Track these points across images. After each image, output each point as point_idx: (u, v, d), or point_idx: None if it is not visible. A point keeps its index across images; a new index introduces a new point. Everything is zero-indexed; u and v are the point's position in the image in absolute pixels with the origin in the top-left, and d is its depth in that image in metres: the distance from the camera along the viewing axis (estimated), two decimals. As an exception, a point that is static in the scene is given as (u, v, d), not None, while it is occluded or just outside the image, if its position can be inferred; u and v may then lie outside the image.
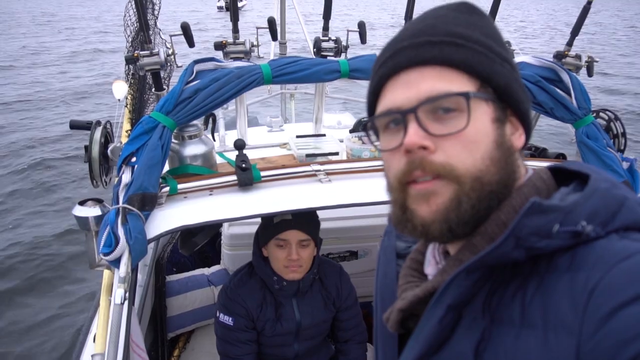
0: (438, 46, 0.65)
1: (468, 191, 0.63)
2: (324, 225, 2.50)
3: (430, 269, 0.77)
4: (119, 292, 1.27)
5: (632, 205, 0.60)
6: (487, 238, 0.64)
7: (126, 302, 1.28)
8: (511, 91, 0.67)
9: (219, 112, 2.77)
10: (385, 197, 1.60)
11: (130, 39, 2.08)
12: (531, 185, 0.66)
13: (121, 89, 1.83)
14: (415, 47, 0.66)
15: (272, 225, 1.77)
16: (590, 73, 1.96)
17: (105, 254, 1.30)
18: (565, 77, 1.73)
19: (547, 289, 0.57)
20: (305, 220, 1.78)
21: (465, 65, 0.65)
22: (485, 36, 0.67)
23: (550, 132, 7.94)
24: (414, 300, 0.70)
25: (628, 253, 0.53)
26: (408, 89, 0.66)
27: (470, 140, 0.63)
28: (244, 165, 1.52)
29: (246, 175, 1.51)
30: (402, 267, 0.81)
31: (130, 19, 2.08)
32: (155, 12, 2.33)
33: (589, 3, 1.90)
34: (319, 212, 2.44)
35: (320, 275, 1.99)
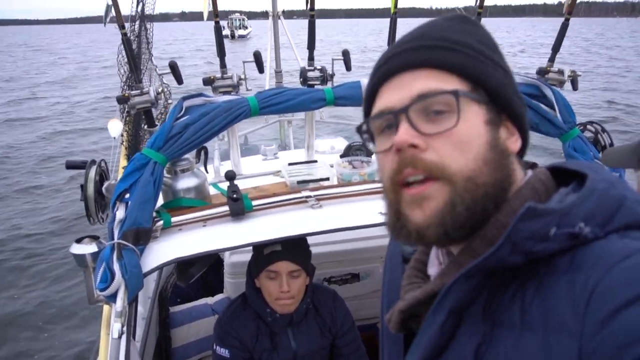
0: (430, 50, 0.67)
1: (462, 192, 0.62)
2: (323, 249, 2.52)
3: (433, 269, 0.76)
4: (116, 327, 1.29)
5: (631, 205, 0.59)
6: (486, 241, 0.63)
7: (124, 337, 1.30)
8: (504, 94, 0.68)
9: (214, 144, 2.81)
10: (375, 219, 1.62)
11: (124, 78, 2.15)
12: (530, 187, 0.66)
13: (116, 127, 1.88)
14: (408, 52, 0.68)
15: (262, 257, 1.77)
16: (574, 87, 1.98)
17: (102, 290, 1.33)
18: (548, 92, 1.76)
19: (547, 291, 0.56)
20: (295, 250, 1.78)
21: (456, 67, 0.66)
22: (478, 42, 0.68)
23: (542, 146, 7.99)
24: (414, 302, 0.70)
25: (628, 252, 0.53)
26: (401, 90, 0.67)
27: (462, 139, 0.63)
28: (234, 196, 1.55)
29: (237, 206, 1.55)
30: (407, 268, 0.81)
31: (124, 59, 2.14)
32: (150, 48, 2.41)
33: (567, 20, 1.94)
34: (320, 236, 2.46)
35: (314, 303, 1.99)
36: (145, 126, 1.88)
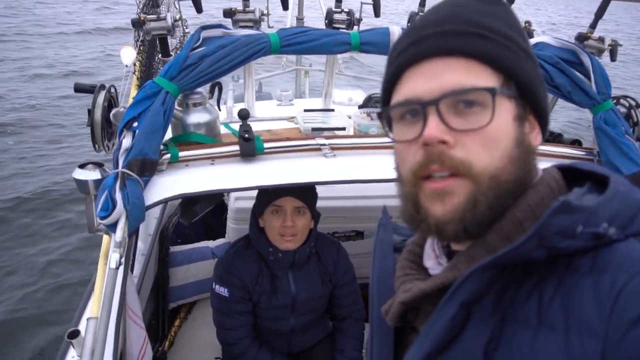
0: (464, 36, 0.62)
1: (485, 190, 0.61)
2: (330, 203, 2.49)
3: (430, 262, 0.74)
4: (114, 257, 1.26)
5: None
6: (502, 236, 0.62)
7: (121, 267, 1.28)
8: (534, 89, 0.66)
9: (228, 84, 2.74)
10: (390, 175, 1.57)
11: (141, 4, 2.05)
12: (545, 184, 0.65)
13: (129, 55, 1.81)
14: (439, 36, 0.63)
15: (267, 192, 1.77)
16: (613, 57, 1.88)
17: (102, 218, 1.30)
18: (586, 59, 1.66)
19: (569, 290, 0.55)
20: (301, 188, 1.77)
21: (491, 58, 0.62)
22: (509, 28, 0.65)
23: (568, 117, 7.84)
24: (419, 294, 0.68)
25: None
26: (430, 79, 0.63)
27: (492, 137, 0.62)
28: (246, 136, 1.49)
29: (249, 146, 1.49)
30: (399, 259, 0.79)
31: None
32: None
33: None
34: (327, 190, 2.42)
35: (317, 250, 1.98)
36: (160, 56, 1.80)
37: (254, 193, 1.88)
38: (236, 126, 1.72)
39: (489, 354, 0.59)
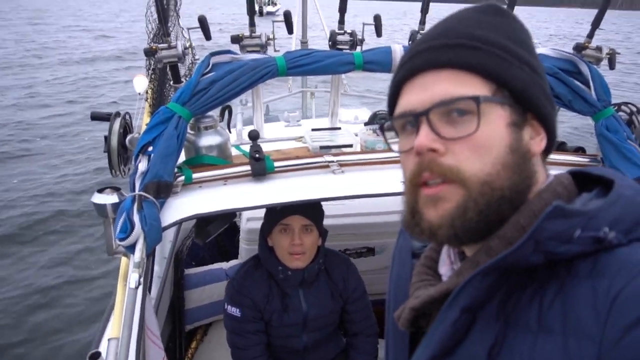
0: (454, 49, 0.65)
1: (476, 196, 0.62)
2: (340, 221, 2.52)
3: (444, 268, 0.76)
4: (133, 277, 1.29)
5: None
6: (505, 242, 0.63)
7: (140, 287, 1.30)
8: (529, 95, 0.66)
9: (237, 108, 2.80)
10: (398, 188, 1.60)
11: (151, 35, 2.13)
12: (551, 190, 0.65)
13: (142, 83, 1.87)
14: (432, 50, 0.67)
15: (275, 211, 1.81)
16: (612, 66, 1.92)
17: (121, 239, 1.33)
18: (584, 69, 1.70)
19: (568, 294, 0.56)
20: (308, 206, 1.81)
21: (480, 68, 0.64)
22: (506, 38, 0.66)
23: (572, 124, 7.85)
24: (428, 300, 0.70)
25: None
26: (422, 91, 0.66)
27: (481, 144, 0.63)
28: (257, 156, 1.54)
29: (259, 166, 1.53)
30: (416, 265, 0.80)
31: (152, 15, 2.12)
32: (177, 8, 2.38)
33: None
34: (336, 209, 2.45)
35: (326, 266, 2.00)
36: (171, 82, 1.87)
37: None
38: (246, 147, 1.76)
39: (492, 358, 0.60)
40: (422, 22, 2.01)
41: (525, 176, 0.65)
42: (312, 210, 1.84)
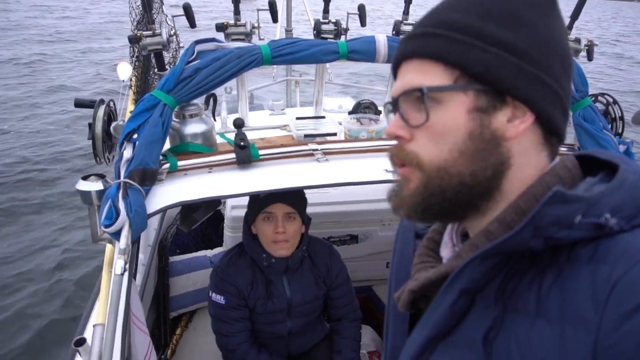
0: (418, 38, 0.67)
1: (433, 180, 0.64)
2: (324, 209, 2.55)
3: (446, 251, 0.76)
4: (119, 263, 1.30)
5: None
6: (504, 225, 0.63)
7: (126, 274, 1.31)
8: (496, 77, 0.62)
9: (221, 96, 2.80)
10: (381, 176, 1.62)
11: (135, 22, 2.12)
12: (554, 174, 0.64)
13: (126, 71, 1.86)
14: (406, 40, 0.69)
15: (258, 200, 1.83)
16: (590, 57, 1.96)
17: (106, 226, 1.34)
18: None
19: (566, 280, 0.56)
20: (290, 194, 1.83)
21: (438, 56, 0.64)
22: (479, 17, 0.63)
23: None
24: (426, 282, 0.70)
25: None
26: (399, 80, 0.70)
27: (438, 132, 0.64)
28: (242, 144, 1.55)
29: (244, 153, 1.54)
30: (419, 246, 0.81)
31: (136, 2, 2.11)
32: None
33: None
34: (320, 197, 2.48)
35: (310, 253, 2.03)
36: (155, 70, 1.86)
37: None
38: (231, 135, 1.77)
39: (489, 342, 0.60)
40: (406, 12, 2.02)
41: (494, 162, 0.63)
42: (295, 198, 1.86)
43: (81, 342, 1.19)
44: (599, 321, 0.51)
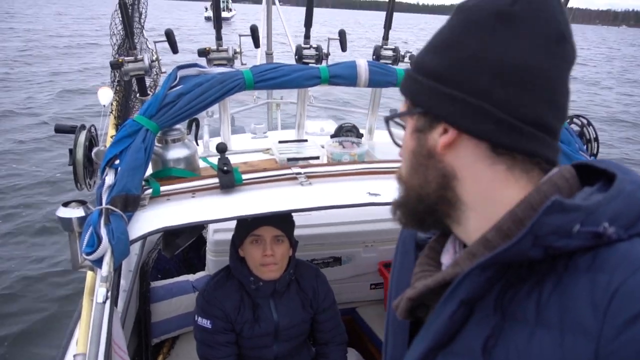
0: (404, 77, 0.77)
1: (406, 191, 0.74)
2: (307, 231, 2.54)
3: (446, 258, 0.77)
4: (101, 291, 1.28)
5: None
6: (501, 234, 0.63)
7: (108, 302, 1.29)
8: (418, 102, 0.70)
9: (203, 120, 2.80)
10: (364, 199, 1.63)
11: (116, 47, 2.12)
12: (552, 183, 0.64)
13: (107, 95, 1.86)
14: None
15: (246, 223, 1.82)
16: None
17: (88, 254, 1.31)
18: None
19: (566, 289, 0.56)
20: (279, 217, 1.82)
21: (402, 91, 0.74)
22: (425, 51, 0.71)
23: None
24: (424, 290, 0.70)
25: None
26: None
27: (404, 152, 0.75)
28: (225, 168, 1.55)
29: (228, 178, 1.55)
30: (421, 255, 0.82)
31: (117, 27, 2.11)
32: (142, 21, 2.37)
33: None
34: (303, 219, 2.47)
35: (297, 277, 2.03)
36: (137, 95, 1.86)
37: (232, 225, 1.92)
38: (214, 160, 1.77)
39: (488, 350, 0.61)
40: (385, 37, 2.07)
41: (435, 175, 0.69)
42: (283, 221, 1.85)
43: None
44: (600, 329, 0.51)
